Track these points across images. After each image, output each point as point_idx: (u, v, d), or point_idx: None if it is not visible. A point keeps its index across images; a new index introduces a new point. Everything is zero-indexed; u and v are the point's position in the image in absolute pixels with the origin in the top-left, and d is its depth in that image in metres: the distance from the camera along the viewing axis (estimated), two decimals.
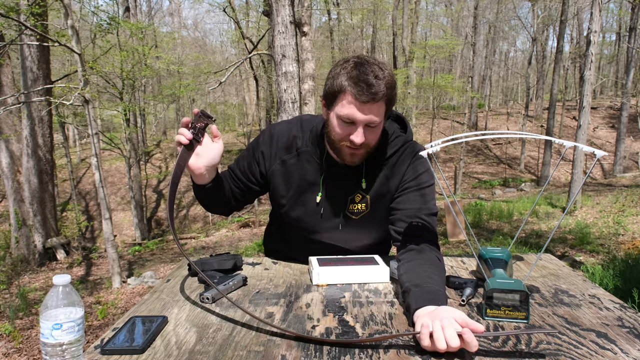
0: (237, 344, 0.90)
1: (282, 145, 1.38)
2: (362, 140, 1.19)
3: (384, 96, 1.16)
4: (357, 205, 1.36)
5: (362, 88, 1.14)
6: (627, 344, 0.88)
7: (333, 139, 1.25)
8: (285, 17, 5.26)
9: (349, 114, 1.17)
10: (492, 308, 1.00)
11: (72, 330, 0.77)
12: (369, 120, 1.17)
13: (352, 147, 1.22)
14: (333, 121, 1.23)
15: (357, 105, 1.16)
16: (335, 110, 1.20)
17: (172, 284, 1.29)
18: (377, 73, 1.15)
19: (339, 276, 1.25)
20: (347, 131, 1.20)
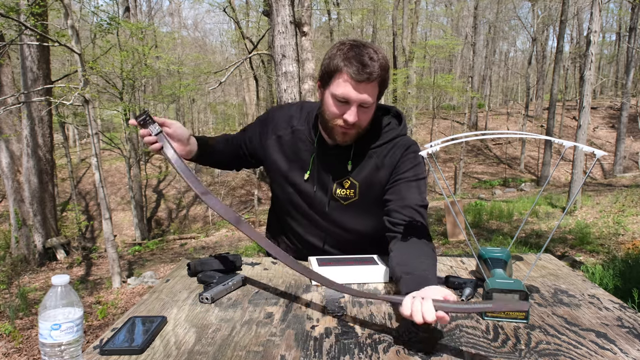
0: (236, 344, 0.90)
1: (280, 123, 1.45)
2: (355, 120, 1.23)
3: (378, 77, 1.20)
4: (345, 190, 1.38)
5: (358, 68, 1.18)
6: (627, 344, 0.88)
7: (327, 118, 1.29)
8: (285, 17, 5.26)
9: (344, 93, 1.21)
10: None
11: (71, 330, 0.77)
12: (363, 100, 1.21)
13: (344, 127, 1.26)
14: (328, 100, 1.26)
15: (352, 84, 1.20)
16: (331, 89, 1.24)
17: (171, 284, 1.29)
18: (372, 55, 1.20)
19: (339, 276, 1.25)
20: (341, 110, 1.24)
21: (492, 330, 0.95)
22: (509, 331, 0.94)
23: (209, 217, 15.58)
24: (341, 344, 0.90)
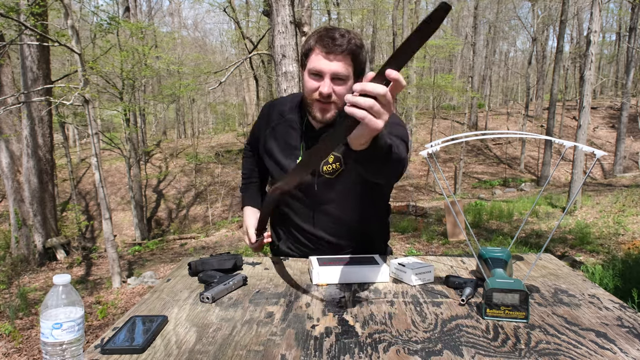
0: (237, 343, 0.90)
1: (273, 115, 1.54)
2: (329, 91, 1.28)
3: (349, 50, 1.27)
4: (330, 165, 1.41)
5: (328, 42, 1.27)
6: (627, 344, 0.88)
7: (306, 95, 1.36)
8: (285, 17, 5.26)
9: (316, 66, 1.29)
10: (491, 308, 1.00)
11: (72, 329, 0.77)
12: (334, 70, 1.28)
13: (321, 101, 1.31)
14: (305, 78, 1.34)
15: (323, 56, 1.28)
16: (307, 67, 1.33)
17: (172, 283, 1.29)
18: (342, 32, 1.29)
19: (339, 276, 1.25)
20: (317, 84, 1.30)
21: (492, 330, 0.95)
22: (508, 331, 0.94)
23: (209, 217, 15.59)
24: (341, 344, 0.90)
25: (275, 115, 1.53)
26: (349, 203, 1.45)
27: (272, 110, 1.55)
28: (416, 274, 1.23)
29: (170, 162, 19.84)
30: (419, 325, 0.98)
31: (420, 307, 1.07)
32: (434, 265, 1.41)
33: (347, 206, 1.46)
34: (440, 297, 1.15)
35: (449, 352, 0.85)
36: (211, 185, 17.60)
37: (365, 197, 1.45)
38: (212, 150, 21.04)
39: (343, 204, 1.45)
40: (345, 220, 1.47)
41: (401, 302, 1.11)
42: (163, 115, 26.88)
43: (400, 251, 7.73)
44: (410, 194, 16.44)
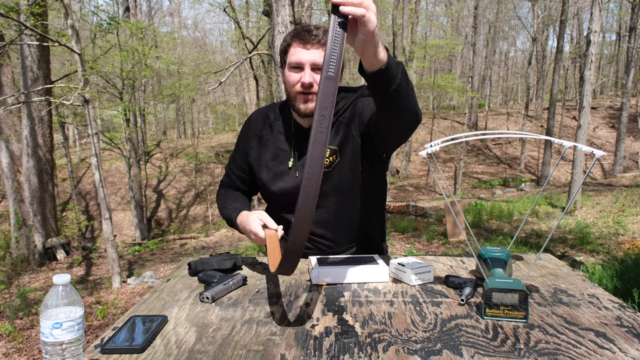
0: (236, 343, 0.91)
1: (258, 125, 1.53)
2: (310, 80, 1.31)
3: (325, 40, 1.28)
4: (327, 158, 1.42)
5: (304, 34, 1.32)
6: (626, 344, 0.88)
7: (288, 90, 1.37)
8: (285, 17, 5.26)
9: (295, 58, 1.32)
10: (491, 307, 1.00)
11: (72, 329, 0.77)
12: (313, 60, 1.31)
13: (304, 92, 1.33)
14: (286, 74, 1.36)
15: (300, 48, 1.32)
16: (287, 63, 1.36)
17: (172, 283, 1.30)
18: (317, 26, 1.34)
19: (339, 276, 1.25)
20: (298, 76, 1.33)
21: (491, 330, 0.95)
22: (508, 330, 0.95)
23: (209, 217, 15.59)
24: (341, 343, 0.90)
25: (260, 124, 1.53)
26: (346, 196, 1.45)
27: (254, 121, 1.55)
28: (416, 273, 1.23)
29: (170, 162, 19.85)
30: (419, 325, 0.98)
31: (420, 307, 1.08)
32: (433, 265, 1.41)
33: (345, 199, 1.46)
34: (439, 297, 1.15)
35: (448, 352, 0.85)
36: (211, 185, 17.60)
37: (361, 187, 1.45)
38: (212, 150, 21.05)
39: (340, 197, 1.45)
40: (343, 214, 1.47)
41: (401, 302, 1.11)
42: (163, 115, 26.89)
43: (400, 251, 7.73)
44: (410, 194, 16.44)
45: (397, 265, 1.28)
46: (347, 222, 1.48)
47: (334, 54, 0.92)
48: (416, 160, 20.14)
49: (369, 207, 1.52)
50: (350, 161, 1.42)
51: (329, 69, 0.92)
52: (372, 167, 1.47)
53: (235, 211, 1.44)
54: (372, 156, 1.45)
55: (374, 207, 1.55)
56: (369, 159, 1.44)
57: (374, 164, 1.47)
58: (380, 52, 1.03)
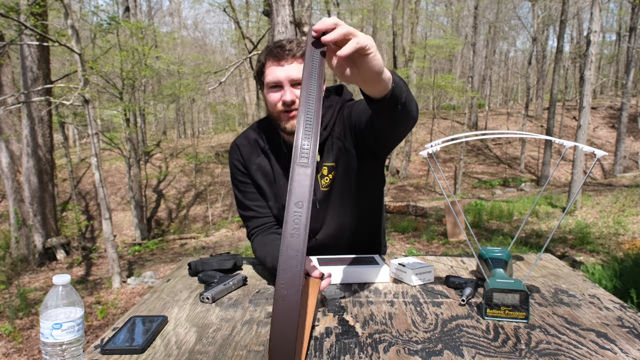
0: (237, 343, 0.90)
1: (250, 152, 1.45)
2: (292, 98, 1.25)
3: (300, 54, 1.26)
4: (326, 177, 1.40)
5: (277, 51, 1.26)
6: (627, 344, 0.88)
7: (271, 111, 1.32)
8: (285, 17, 5.26)
9: (271, 78, 1.27)
10: (492, 308, 1.00)
11: (72, 330, 0.77)
12: (291, 77, 1.25)
13: (287, 110, 1.28)
14: (266, 95, 1.31)
15: (276, 66, 1.27)
16: (265, 83, 1.30)
17: (172, 283, 1.29)
18: (290, 40, 1.29)
19: (339, 276, 1.25)
20: (278, 95, 1.28)
21: (492, 330, 0.95)
22: (509, 331, 0.94)
23: (209, 217, 15.59)
24: (341, 344, 0.90)
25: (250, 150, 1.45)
26: (347, 209, 1.44)
27: (244, 148, 1.46)
28: (416, 274, 1.23)
29: (170, 162, 19.84)
30: (419, 325, 0.98)
31: (421, 307, 1.07)
32: (434, 265, 1.41)
33: (347, 212, 1.44)
34: (440, 297, 1.14)
35: (449, 352, 0.85)
36: (211, 185, 17.60)
37: (362, 197, 1.44)
38: (212, 150, 21.05)
39: (342, 211, 1.43)
40: (346, 227, 1.46)
41: (401, 302, 1.11)
42: (163, 115, 26.89)
43: (400, 251, 7.73)
44: (410, 194, 16.44)
45: (398, 266, 1.28)
46: (350, 234, 1.48)
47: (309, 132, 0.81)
48: (416, 160, 20.15)
49: (370, 212, 1.52)
50: (348, 175, 1.40)
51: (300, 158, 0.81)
52: (371, 170, 1.44)
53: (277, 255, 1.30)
54: (369, 161, 1.42)
55: (374, 212, 1.54)
56: (366, 166, 1.42)
57: (372, 166, 1.44)
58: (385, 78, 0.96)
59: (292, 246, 0.76)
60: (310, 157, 0.81)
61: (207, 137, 25.08)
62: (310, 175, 0.80)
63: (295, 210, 0.78)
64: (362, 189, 1.44)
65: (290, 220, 0.77)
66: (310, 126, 0.82)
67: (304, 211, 0.78)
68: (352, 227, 1.47)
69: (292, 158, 0.80)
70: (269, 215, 1.46)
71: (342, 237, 1.47)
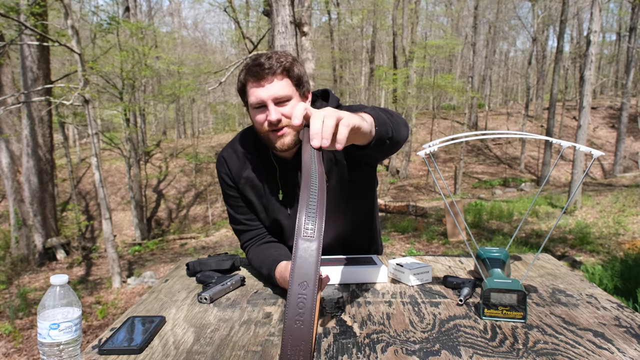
0: (234, 343, 0.90)
1: (237, 165, 1.41)
2: (277, 117, 1.21)
3: (281, 70, 1.21)
4: None
5: (256, 70, 1.21)
6: (624, 344, 0.88)
7: (259, 130, 1.28)
8: (285, 17, 5.26)
9: (255, 98, 1.22)
10: (489, 308, 1.00)
11: (70, 330, 0.77)
12: (273, 95, 1.21)
13: (274, 129, 1.24)
14: (252, 116, 1.27)
15: (257, 86, 1.22)
16: (249, 103, 1.25)
17: (170, 284, 1.29)
18: (269, 56, 1.22)
19: (338, 276, 1.25)
20: (264, 115, 1.24)
21: (490, 330, 0.95)
22: (506, 331, 0.94)
23: (209, 217, 15.59)
24: (339, 344, 0.90)
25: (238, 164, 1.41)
26: (342, 217, 1.43)
27: (230, 161, 1.42)
28: (414, 274, 1.23)
29: (170, 162, 19.85)
30: (417, 325, 0.98)
31: (418, 308, 1.08)
32: (432, 265, 1.41)
33: (341, 221, 1.43)
34: (438, 297, 1.15)
35: (446, 352, 0.85)
36: (211, 185, 17.60)
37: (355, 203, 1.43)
38: (212, 150, 21.05)
39: (337, 221, 1.42)
40: (341, 237, 1.45)
41: (399, 302, 1.11)
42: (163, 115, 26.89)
43: (400, 251, 7.74)
44: (410, 194, 16.44)
45: (396, 266, 1.28)
46: (346, 242, 1.47)
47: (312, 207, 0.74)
48: (416, 160, 20.15)
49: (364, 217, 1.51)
50: (341, 185, 1.37)
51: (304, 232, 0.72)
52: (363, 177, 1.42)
53: (274, 264, 1.23)
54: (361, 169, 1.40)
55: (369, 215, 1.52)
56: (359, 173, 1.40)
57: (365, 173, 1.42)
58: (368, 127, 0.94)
59: (296, 335, 0.66)
60: (316, 231, 0.72)
61: (207, 137, 25.09)
62: (316, 251, 0.71)
63: (300, 292, 0.67)
64: (355, 196, 1.42)
65: (293, 303, 0.67)
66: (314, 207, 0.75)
67: (309, 293, 0.67)
68: (348, 234, 1.47)
69: (296, 232, 0.72)
70: (261, 227, 1.43)
71: (338, 245, 1.47)
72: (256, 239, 1.42)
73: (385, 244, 8.16)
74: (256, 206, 1.41)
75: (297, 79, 1.25)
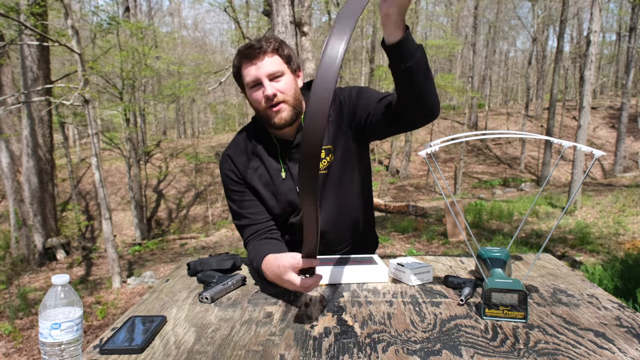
0: (235, 343, 0.90)
1: (242, 159, 1.44)
2: (272, 91, 1.28)
3: (271, 48, 1.30)
4: (324, 159, 1.40)
5: (248, 51, 1.30)
6: (625, 344, 0.88)
7: (257, 109, 1.34)
8: (285, 17, 5.26)
9: (250, 77, 1.30)
10: (490, 308, 1.00)
11: (71, 329, 0.77)
12: (267, 71, 1.28)
13: (271, 104, 1.30)
14: (250, 96, 1.34)
15: (250, 65, 1.30)
16: (245, 84, 1.33)
17: (171, 283, 1.29)
18: (258, 39, 1.31)
19: (338, 276, 1.25)
20: (260, 92, 1.30)
21: (490, 330, 0.95)
22: (507, 330, 0.95)
23: (209, 217, 15.59)
24: (340, 344, 0.90)
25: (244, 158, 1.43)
26: (344, 192, 1.45)
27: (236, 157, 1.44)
28: (415, 274, 1.23)
29: (170, 162, 19.84)
30: (418, 325, 0.98)
31: (419, 307, 1.08)
32: (433, 265, 1.41)
33: (343, 196, 1.46)
34: (439, 297, 1.15)
35: (447, 352, 0.85)
36: (211, 185, 17.60)
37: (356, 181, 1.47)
38: (212, 150, 21.05)
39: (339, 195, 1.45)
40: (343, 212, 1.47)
41: (400, 302, 1.11)
42: (163, 115, 26.89)
43: (400, 251, 7.73)
44: (410, 194, 16.44)
45: (397, 266, 1.28)
46: (349, 219, 1.49)
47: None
48: (416, 160, 20.15)
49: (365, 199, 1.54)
50: (346, 157, 1.42)
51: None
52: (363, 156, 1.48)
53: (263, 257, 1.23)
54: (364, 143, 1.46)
55: (368, 198, 1.57)
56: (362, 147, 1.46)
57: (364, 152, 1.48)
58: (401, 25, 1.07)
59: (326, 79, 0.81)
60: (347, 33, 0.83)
61: (207, 137, 25.08)
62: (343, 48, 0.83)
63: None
64: (358, 171, 1.47)
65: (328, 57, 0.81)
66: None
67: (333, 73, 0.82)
68: (351, 211, 1.48)
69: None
70: (265, 221, 1.44)
71: (342, 222, 1.47)
72: (257, 234, 1.42)
73: (385, 244, 8.16)
74: (264, 195, 1.43)
75: (287, 57, 1.33)
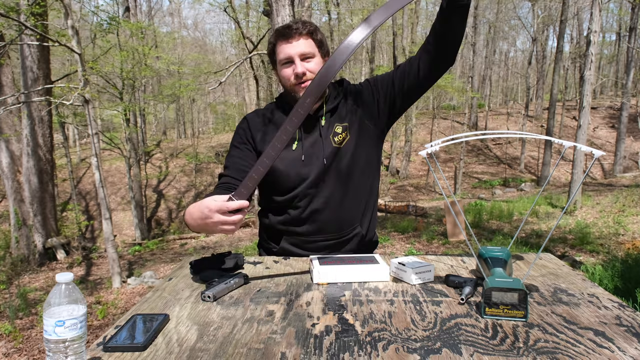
0: (237, 341, 0.91)
1: (259, 122, 1.55)
2: (302, 70, 1.39)
3: (306, 31, 1.41)
4: (340, 135, 1.47)
5: (285, 31, 1.41)
6: (625, 343, 0.89)
7: (285, 85, 1.45)
8: (285, 17, 5.26)
9: (284, 54, 1.41)
10: (490, 307, 1.01)
11: (75, 327, 0.78)
12: (300, 51, 1.40)
13: (300, 82, 1.41)
14: (280, 72, 1.44)
15: (285, 44, 1.41)
16: (277, 61, 1.44)
17: (173, 282, 1.30)
18: (295, 21, 1.43)
19: (340, 275, 1.26)
20: (291, 71, 1.41)
21: (490, 329, 0.95)
22: (507, 329, 0.95)
23: None
24: (341, 342, 0.90)
25: (259, 121, 1.54)
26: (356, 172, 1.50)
27: (252, 120, 1.54)
28: (416, 273, 1.24)
29: (170, 162, 19.85)
30: (419, 323, 0.98)
31: (420, 306, 1.08)
32: (434, 264, 1.42)
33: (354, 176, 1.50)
34: (439, 296, 1.15)
35: (447, 351, 0.86)
36: (211, 185, 17.60)
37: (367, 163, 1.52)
38: (212, 150, 21.05)
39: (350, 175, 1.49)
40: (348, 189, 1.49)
41: (401, 301, 1.12)
42: (163, 115, 26.89)
43: (400, 251, 7.74)
44: (410, 194, 16.45)
45: (398, 265, 1.28)
46: (355, 201, 1.51)
47: None
48: (416, 160, 20.16)
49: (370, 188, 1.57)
50: (361, 136, 1.49)
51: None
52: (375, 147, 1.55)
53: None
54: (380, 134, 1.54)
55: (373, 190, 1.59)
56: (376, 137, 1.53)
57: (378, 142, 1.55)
58: None
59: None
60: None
61: (207, 137, 25.09)
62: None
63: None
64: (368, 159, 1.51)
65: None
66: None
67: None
68: (354, 192, 1.50)
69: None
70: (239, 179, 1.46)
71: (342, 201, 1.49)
72: (225, 185, 1.46)
73: (385, 244, 8.16)
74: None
75: (319, 41, 1.44)
